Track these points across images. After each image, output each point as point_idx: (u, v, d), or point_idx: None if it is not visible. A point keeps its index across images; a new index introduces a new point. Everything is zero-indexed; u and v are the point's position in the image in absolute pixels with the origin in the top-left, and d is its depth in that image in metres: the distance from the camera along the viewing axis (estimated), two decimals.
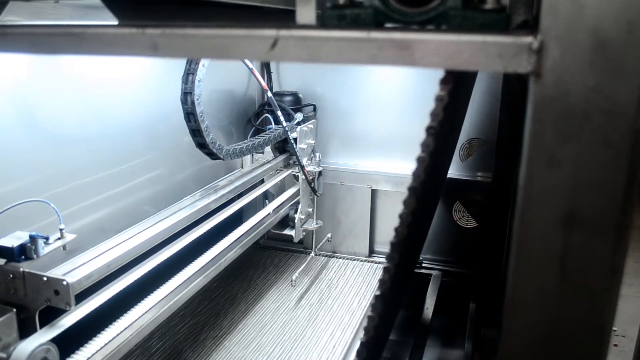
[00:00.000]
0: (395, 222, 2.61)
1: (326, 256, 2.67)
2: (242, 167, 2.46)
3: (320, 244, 2.60)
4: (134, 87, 1.81)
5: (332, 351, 1.90)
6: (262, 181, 2.29)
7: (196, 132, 1.69)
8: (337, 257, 2.66)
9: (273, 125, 2.32)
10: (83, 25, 0.66)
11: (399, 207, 2.66)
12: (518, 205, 0.59)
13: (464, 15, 0.57)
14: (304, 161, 2.31)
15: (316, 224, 2.52)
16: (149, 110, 1.89)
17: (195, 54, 0.63)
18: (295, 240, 2.41)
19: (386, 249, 2.62)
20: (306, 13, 0.63)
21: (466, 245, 2.51)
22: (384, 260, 2.55)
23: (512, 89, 2.22)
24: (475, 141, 2.42)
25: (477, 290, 2.40)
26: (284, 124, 2.10)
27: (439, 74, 2.21)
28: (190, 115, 1.65)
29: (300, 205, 2.37)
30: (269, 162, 2.31)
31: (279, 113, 2.08)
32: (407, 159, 2.52)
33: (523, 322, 0.61)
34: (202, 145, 1.72)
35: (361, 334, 1.82)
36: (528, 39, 0.54)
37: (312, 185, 2.32)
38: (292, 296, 2.29)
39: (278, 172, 2.38)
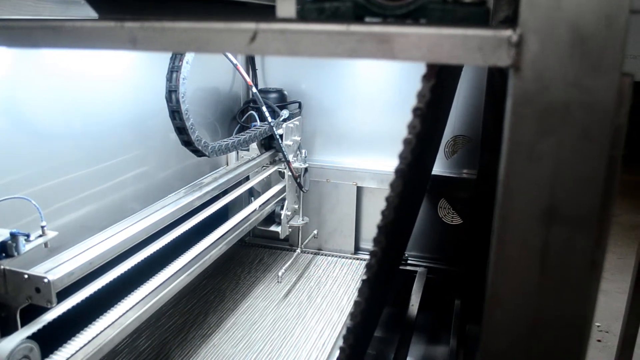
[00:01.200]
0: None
1: (312, 253, 2.67)
2: (227, 164, 2.44)
3: (307, 241, 2.61)
4: (119, 84, 1.79)
5: (321, 349, 1.90)
6: (247, 178, 2.28)
7: (181, 130, 1.68)
8: (323, 255, 2.66)
9: (258, 123, 2.31)
10: (61, 19, 0.65)
11: (384, 204, 2.66)
12: (498, 200, 0.59)
13: (443, 9, 0.57)
14: (290, 157, 2.31)
15: (302, 220, 2.53)
16: (134, 107, 1.87)
17: (174, 47, 0.62)
18: (282, 236, 2.42)
19: (372, 246, 2.63)
20: (286, 7, 0.63)
21: (451, 242, 2.51)
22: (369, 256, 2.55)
23: (496, 84, 2.23)
24: (460, 138, 2.42)
25: (462, 287, 2.40)
26: (270, 120, 2.09)
27: (425, 70, 2.20)
28: (175, 113, 1.64)
29: (286, 201, 2.37)
30: (254, 158, 2.31)
31: (264, 109, 2.08)
32: (392, 156, 2.52)
33: (503, 317, 0.61)
34: (187, 142, 1.72)
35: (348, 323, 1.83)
36: (507, 32, 0.54)
37: (298, 181, 2.32)
38: (279, 293, 2.28)
39: (264, 169, 2.38)
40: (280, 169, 2.43)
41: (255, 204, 2.23)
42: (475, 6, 0.56)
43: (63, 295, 1.23)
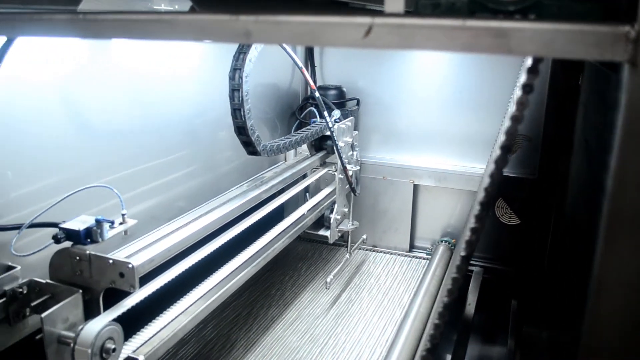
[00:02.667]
0: (437, 217, 2.64)
1: (367, 250, 2.68)
2: (285, 159, 2.47)
3: (355, 246, 2.57)
4: (183, 83, 1.83)
5: (384, 345, 1.92)
6: (304, 176, 2.29)
7: (242, 130, 1.68)
8: (378, 252, 2.67)
9: (318, 119, 2.33)
10: (175, 12, 0.67)
11: (440, 202, 2.69)
12: (608, 193, 0.60)
13: (559, 5, 0.57)
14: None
15: (352, 224, 2.43)
16: (198, 104, 1.91)
17: (287, 40, 0.64)
18: (330, 241, 2.32)
19: (427, 244, 2.63)
20: (395, 3, 0.64)
21: (508, 243, 2.49)
22: (424, 255, 2.56)
23: (560, 86, 2.21)
24: (520, 137, 2.40)
25: (519, 288, 2.38)
26: (330, 123, 2.09)
27: (485, 71, 2.21)
28: (237, 111, 1.64)
29: (336, 205, 2.30)
30: (309, 157, 2.30)
31: (326, 114, 2.08)
32: (449, 154, 2.52)
33: (610, 312, 0.61)
34: (247, 143, 1.72)
35: (407, 323, 1.84)
36: (625, 29, 0.55)
37: (353, 186, 2.30)
38: (340, 288, 2.32)
39: (314, 171, 2.34)
40: (330, 171, 2.37)
41: (312, 201, 2.22)
42: (592, 2, 0.57)
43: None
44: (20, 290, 1.23)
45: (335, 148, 2.11)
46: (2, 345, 1.24)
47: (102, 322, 1.11)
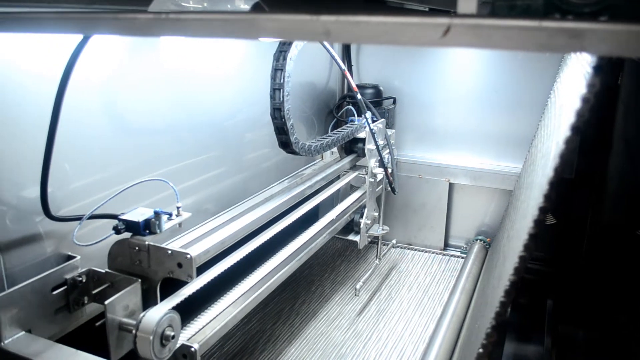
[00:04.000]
0: (471, 215, 2.64)
1: (402, 247, 2.71)
2: (322, 157, 2.50)
3: (386, 251, 2.58)
4: (222, 84, 1.87)
5: (425, 341, 1.93)
6: (339, 176, 2.29)
7: (281, 130, 1.69)
8: (412, 249, 2.69)
9: (355, 117, 2.35)
10: (256, 11, 0.71)
11: (475, 201, 2.68)
12: None
13: (632, 7, 0.60)
14: (372, 162, 2.23)
15: (382, 229, 2.37)
16: (236, 103, 1.95)
17: (365, 40, 0.67)
18: (360, 246, 2.25)
19: (461, 242, 2.65)
20: (467, 5, 0.67)
21: (544, 242, 2.50)
22: (459, 253, 2.57)
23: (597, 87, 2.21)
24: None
25: (555, 286, 2.39)
26: (371, 125, 2.11)
27: (520, 70, 2.20)
28: (277, 111, 1.66)
29: (366, 209, 2.24)
30: (343, 159, 2.28)
31: (368, 115, 2.10)
32: (485, 153, 2.53)
33: None
34: (285, 144, 1.74)
35: (445, 320, 1.86)
36: None
37: (393, 185, 2.31)
38: (378, 287, 2.34)
39: (344, 174, 2.26)
40: (361, 175, 2.29)
41: (342, 205, 2.16)
42: None
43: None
44: (80, 279, 1.28)
45: (376, 148, 2.13)
46: (62, 331, 1.29)
47: (162, 310, 1.15)
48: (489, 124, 2.50)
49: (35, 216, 1.25)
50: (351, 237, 2.23)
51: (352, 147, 2.33)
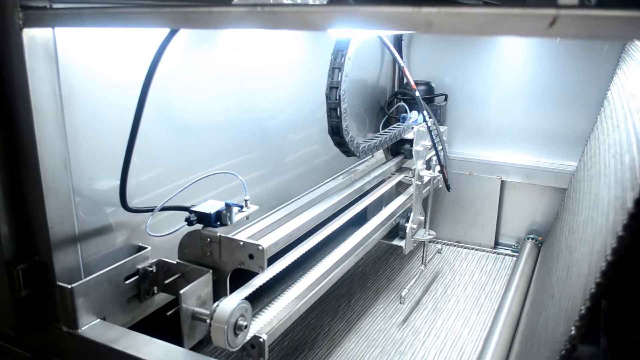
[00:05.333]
0: (523, 213, 2.61)
1: (452, 245, 2.70)
2: (372, 155, 2.49)
3: (431, 257, 2.53)
4: (275, 82, 1.88)
5: (474, 342, 1.94)
6: (383, 180, 2.25)
7: (336, 130, 1.68)
8: (462, 247, 2.68)
9: (408, 114, 2.34)
10: (353, 3, 0.72)
11: (527, 199, 2.66)
12: None
13: None
14: (419, 164, 2.16)
15: (428, 234, 2.27)
16: (294, 100, 1.97)
17: (467, 30, 0.67)
18: (406, 252, 2.18)
19: (512, 241, 2.63)
20: None
21: None
22: (510, 252, 2.55)
23: None
24: None
25: (610, 287, 2.35)
26: (429, 121, 2.10)
27: (575, 66, 2.17)
28: (333, 110, 1.65)
29: (412, 213, 2.16)
30: (391, 160, 2.22)
31: (425, 112, 2.10)
32: (538, 150, 2.51)
33: None
34: (340, 144, 1.73)
35: (500, 319, 1.85)
36: None
37: (448, 183, 2.29)
38: (430, 283, 2.35)
39: (390, 177, 2.18)
40: (407, 177, 2.21)
41: (391, 207, 2.11)
42: None
43: None
44: (151, 269, 1.31)
45: (433, 145, 2.12)
46: (132, 320, 1.32)
47: (236, 300, 1.17)
48: (542, 120, 2.47)
49: (108, 208, 1.28)
50: (396, 242, 2.15)
51: (399, 148, 2.24)
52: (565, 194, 2.32)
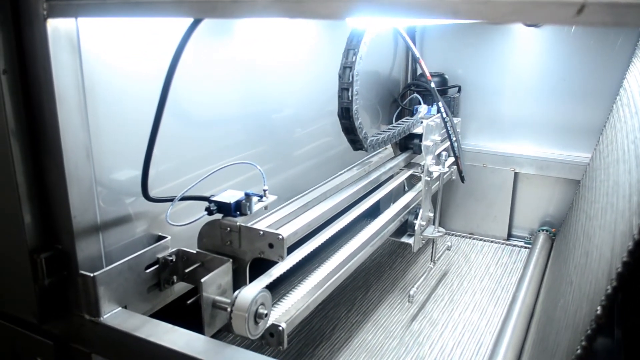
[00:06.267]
0: (536, 205, 2.60)
1: (464, 237, 2.70)
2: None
3: (440, 253, 2.49)
4: (291, 75, 1.89)
5: (491, 334, 1.95)
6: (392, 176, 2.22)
7: (349, 130, 1.66)
8: (475, 239, 2.69)
9: (422, 105, 2.34)
10: None
11: (540, 191, 2.64)
12: None
13: None
14: (429, 159, 2.09)
15: (437, 231, 2.20)
16: (312, 93, 1.97)
17: (493, 18, 0.68)
18: (414, 250, 2.14)
19: (525, 233, 2.63)
20: None
21: None
22: (523, 244, 2.56)
23: None
24: None
25: (625, 279, 2.35)
26: (444, 113, 2.10)
27: (589, 59, 2.15)
28: (345, 110, 1.62)
29: (421, 209, 2.09)
30: (400, 154, 2.14)
31: (441, 103, 2.09)
32: (552, 142, 2.51)
33: None
34: (354, 141, 1.70)
35: (515, 310, 1.85)
36: None
37: (462, 174, 2.29)
38: (446, 275, 2.37)
39: (399, 173, 2.11)
40: (416, 172, 2.14)
41: (408, 196, 2.11)
42: None
43: None
44: (170, 258, 1.32)
45: (447, 135, 2.11)
46: (153, 309, 1.33)
47: (256, 288, 1.19)
48: (556, 112, 2.47)
49: (128, 198, 1.29)
50: (404, 239, 2.10)
51: (408, 143, 2.16)
52: (580, 183, 2.32)
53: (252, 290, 1.17)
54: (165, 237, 1.34)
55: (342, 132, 1.68)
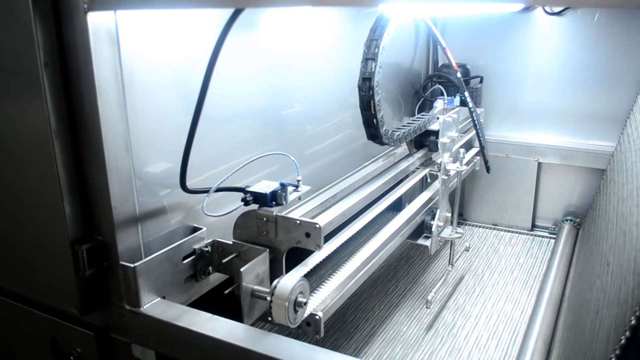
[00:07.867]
0: (559, 195, 2.58)
1: (488, 228, 2.70)
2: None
3: (458, 255, 2.45)
4: (319, 67, 1.89)
5: (526, 324, 1.93)
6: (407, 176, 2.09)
7: (370, 123, 1.62)
8: (498, 230, 2.68)
9: (445, 96, 2.33)
10: None
11: (563, 181, 2.61)
12: None
13: None
14: (446, 157, 1.99)
15: (455, 232, 2.09)
16: (337, 85, 1.97)
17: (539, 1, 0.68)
18: (432, 252, 2.02)
19: (549, 223, 2.62)
20: None
21: None
22: (547, 234, 2.55)
23: None
24: None
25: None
26: (470, 103, 2.09)
27: (611, 47, 2.13)
28: (366, 102, 1.59)
29: (438, 210, 1.99)
30: (416, 152, 2.03)
31: (467, 94, 2.08)
32: (575, 132, 2.50)
33: None
34: (374, 136, 1.66)
35: (544, 298, 1.85)
36: None
37: (488, 165, 2.28)
38: (472, 266, 2.37)
39: (415, 172, 1.99)
40: (433, 171, 2.04)
41: (425, 195, 2.02)
42: None
43: None
44: (207, 249, 1.33)
45: (474, 126, 2.09)
46: (189, 299, 1.34)
47: (295, 277, 1.19)
48: (579, 101, 2.46)
49: (164, 189, 1.30)
50: (421, 241, 1.99)
51: (424, 141, 2.04)
52: (608, 167, 2.30)
53: (292, 279, 1.18)
54: (201, 229, 1.35)
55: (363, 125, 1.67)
